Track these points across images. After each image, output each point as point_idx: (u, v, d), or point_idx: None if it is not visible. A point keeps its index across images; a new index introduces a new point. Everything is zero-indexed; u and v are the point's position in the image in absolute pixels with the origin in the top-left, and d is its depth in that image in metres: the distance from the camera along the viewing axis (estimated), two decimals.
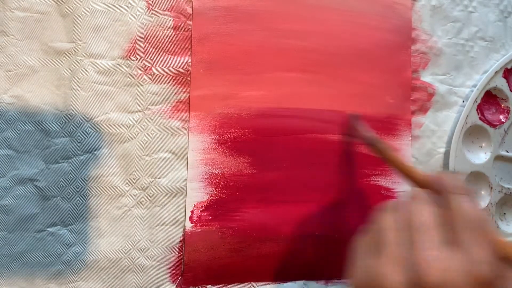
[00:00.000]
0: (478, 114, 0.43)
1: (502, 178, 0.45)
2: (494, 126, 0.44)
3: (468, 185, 0.28)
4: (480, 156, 0.44)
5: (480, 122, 0.43)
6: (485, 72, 0.44)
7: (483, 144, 0.44)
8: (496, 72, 0.44)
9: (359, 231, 0.27)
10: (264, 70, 0.36)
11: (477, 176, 0.43)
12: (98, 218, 0.32)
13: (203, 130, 0.34)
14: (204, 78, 0.35)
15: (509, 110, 0.45)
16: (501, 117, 0.45)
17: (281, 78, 0.37)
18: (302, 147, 0.37)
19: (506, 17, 0.46)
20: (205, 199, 0.34)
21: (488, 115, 0.44)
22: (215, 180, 0.35)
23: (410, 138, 0.41)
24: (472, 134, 0.44)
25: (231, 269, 0.35)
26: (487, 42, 0.45)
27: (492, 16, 0.45)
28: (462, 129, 0.42)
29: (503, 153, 0.45)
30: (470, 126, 0.43)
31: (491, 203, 0.44)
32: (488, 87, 0.44)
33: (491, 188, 0.44)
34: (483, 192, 0.44)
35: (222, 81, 0.35)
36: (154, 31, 0.33)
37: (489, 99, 0.45)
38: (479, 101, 0.43)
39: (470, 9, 0.44)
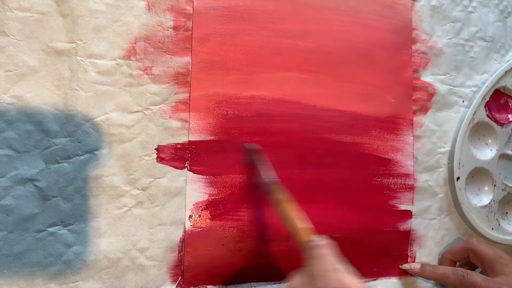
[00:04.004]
0: (486, 111, 0.44)
1: (506, 177, 0.45)
2: (501, 124, 0.44)
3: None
4: (486, 153, 0.44)
5: (487, 119, 0.44)
6: (485, 72, 0.45)
7: (489, 141, 0.44)
8: (506, 71, 0.44)
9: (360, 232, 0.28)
10: (264, 70, 0.36)
11: (481, 172, 0.44)
12: (98, 218, 0.31)
13: (203, 130, 0.34)
14: (204, 78, 0.35)
15: None
16: (509, 116, 0.45)
17: (281, 78, 0.37)
18: (303, 147, 0.37)
19: (506, 17, 0.46)
20: (205, 199, 0.34)
21: (496, 113, 0.44)
22: (215, 180, 0.35)
23: (413, 137, 0.41)
24: (479, 131, 0.44)
25: (231, 269, 0.35)
26: (487, 42, 0.45)
27: (492, 16, 0.45)
28: (469, 125, 0.42)
29: (509, 152, 0.45)
30: (477, 123, 0.43)
31: (494, 201, 0.44)
32: (497, 86, 0.44)
33: (495, 185, 0.44)
34: (486, 188, 0.44)
35: (222, 81, 0.35)
36: (154, 31, 0.33)
37: (498, 97, 0.45)
38: (487, 98, 0.44)
39: (470, 9, 0.44)
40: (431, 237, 0.42)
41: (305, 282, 0.27)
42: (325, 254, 0.27)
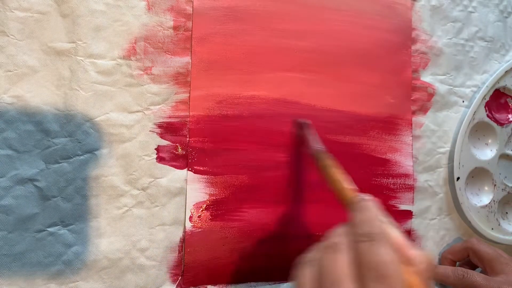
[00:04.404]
0: (486, 111, 0.44)
1: (506, 177, 0.45)
2: (501, 124, 0.44)
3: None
4: (486, 153, 0.44)
5: (487, 119, 0.44)
6: (485, 72, 0.45)
7: (489, 141, 0.45)
8: (506, 71, 0.44)
9: None
10: (264, 70, 0.36)
11: (481, 172, 0.44)
12: (98, 218, 0.31)
13: (203, 130, 0.34)
14: (204, 78, 0.35)
15: None
16: (509, 116, 0.45)
17: (281, 78, 0.37)
18: None
19: (506, 17, 0.46)
20: (205, 199, 0.34)
21: (496, 113, 0.45)
22: (215, 180, 0.35)
23: (411, 138, 0.41)
24: (479, 131, 0.44)
25: (231, 269, 0.35)
26: (487, 42, 0.45)
27: (492, 16, 0.45)
28: (469, 125, 0.43)
29: (509, 152, 0.45)
30: (477, 123, 0.43)
31: (494, 200, 0.44)
32: (497, 86, 0.44)
33: (495, 185, 0.44)
34: (486, 188, 0.44)
35: (222, 81, 0.35)
36: (154, 31, 0.33)
37: (498, 97, 0.45)
38: (487, 98, 0.44)
39: (470, 9, 0.44)
40: (431, 237, 0.42)
41: (347, 231, 0.25)
42: (370, 206, 0.26)
